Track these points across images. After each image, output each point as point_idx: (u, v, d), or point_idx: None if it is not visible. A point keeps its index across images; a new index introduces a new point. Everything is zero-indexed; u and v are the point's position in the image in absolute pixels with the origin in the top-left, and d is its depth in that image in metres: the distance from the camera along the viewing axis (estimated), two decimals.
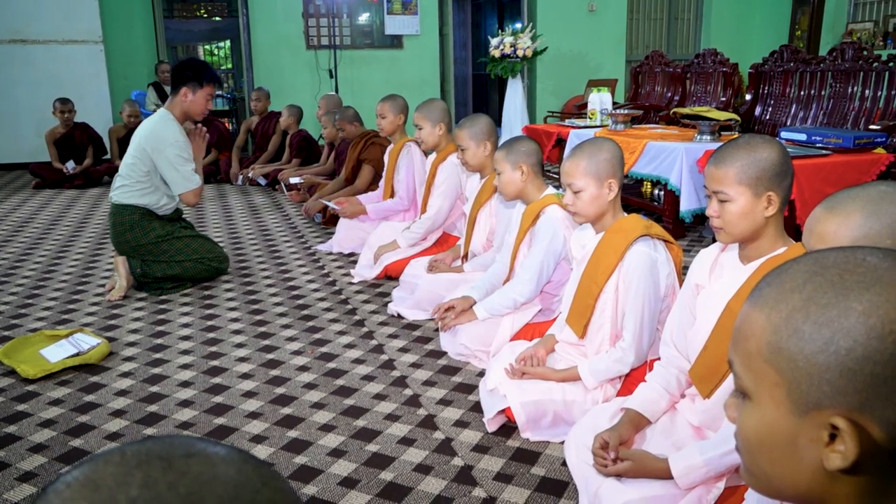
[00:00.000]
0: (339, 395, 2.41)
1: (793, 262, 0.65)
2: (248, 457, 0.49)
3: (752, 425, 0.66)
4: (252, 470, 0.48)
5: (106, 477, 0.44)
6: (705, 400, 1.70)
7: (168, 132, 3.39)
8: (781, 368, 0.62)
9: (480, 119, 3.12)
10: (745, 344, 0.65)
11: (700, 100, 6.12)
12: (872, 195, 1.07)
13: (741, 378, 0.67)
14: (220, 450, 0.48)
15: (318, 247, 4.32)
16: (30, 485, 1.91)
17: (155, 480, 0.44)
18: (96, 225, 5.13)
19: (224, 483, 0.45)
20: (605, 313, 2.12)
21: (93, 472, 0.45)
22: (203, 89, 3.45)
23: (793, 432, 0.62)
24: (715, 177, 1.57)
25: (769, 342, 0.63)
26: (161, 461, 0.45)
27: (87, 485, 0.44)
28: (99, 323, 3.12)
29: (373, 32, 8.79)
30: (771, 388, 0.63)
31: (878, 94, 4.65)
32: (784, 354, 0.61)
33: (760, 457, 0.66)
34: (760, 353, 0.63)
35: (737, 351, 0.67)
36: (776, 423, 0.63)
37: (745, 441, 0.68)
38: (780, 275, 0.65)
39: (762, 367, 0.63)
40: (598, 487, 1.65)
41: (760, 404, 0.64)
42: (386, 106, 3.96)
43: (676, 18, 9.64)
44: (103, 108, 7.77)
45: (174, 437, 0.49)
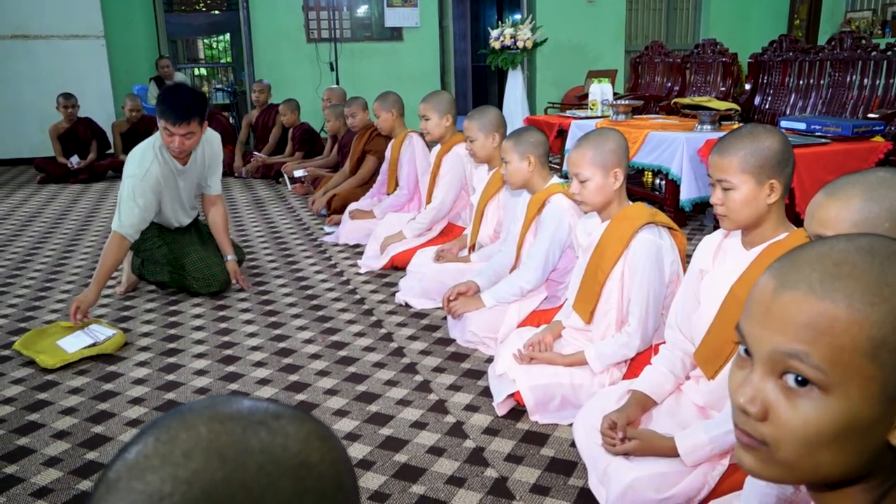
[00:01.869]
0: (352, 381, 2.47)
1: (848, 251, 0.65)
2: (304, 413, 0.53)
3: (829, 419, 0.64)
4: (316, 423, 0.53)
5: (226, 447, 0.47)
6: (710, 381, 1.76)
7: (134, 160, 3.08)
8: (884, 362, 0.62)
9: (490, 111, 3.17)
10: (832, 339, 0.64)
11: (700, 90, 6.17)
12: (871, 181, 1.13)
13: (822, 371, 0.64)
14: (282, 409, 0.52)
15: (325, 238, 4.38)
16: (56, 469, 1.97)
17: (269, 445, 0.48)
18: (104, 219, 5.18)
19: (318, 437, 0.51)
20: (611, 299, 2.18)
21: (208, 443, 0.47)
22: (160, 122, 2.98)
23: (875, 420, 0.63)
24: (719, 166, 1.62)
25: (871, 337, 0.62)
26: (261, 426, 0.49)
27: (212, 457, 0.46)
28: (112, 314, 3.18)
29: (373, 25, 8.82)
30: (864, 381, 0.63)
31: (876, 83, 4.70)
32: (888, 348, 0.62)
33: (825, 449, 0.65)
34: (858, 349, 0.63)
35: (816, 345, 0.64)
36: (861, 415, 0.63)
37: (804, 437, 0.65)
38: (850, 266, 0.65)
39: (858, 362, 0.63)
40: (607, 466, 1.71)
41: (847, 398, 0.64)
42: (377, 105, 4.08)
43: (675, 8, 9.66)
44: (105, 102, 7.81)
45: (234, 400, 0.52)
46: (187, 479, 0.45)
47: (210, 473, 0.46)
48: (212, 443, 0.47)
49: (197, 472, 0.46)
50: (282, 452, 0.48)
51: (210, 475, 0.46)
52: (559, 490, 1.83)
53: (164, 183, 3.17)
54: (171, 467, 0.46)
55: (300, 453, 0.49)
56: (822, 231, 1.16)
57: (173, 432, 0.48)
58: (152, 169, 3.10)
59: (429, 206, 3.66)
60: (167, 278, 3.37)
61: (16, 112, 7.62)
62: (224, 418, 0.49)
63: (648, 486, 1.62)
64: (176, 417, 0.49)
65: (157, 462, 0.46)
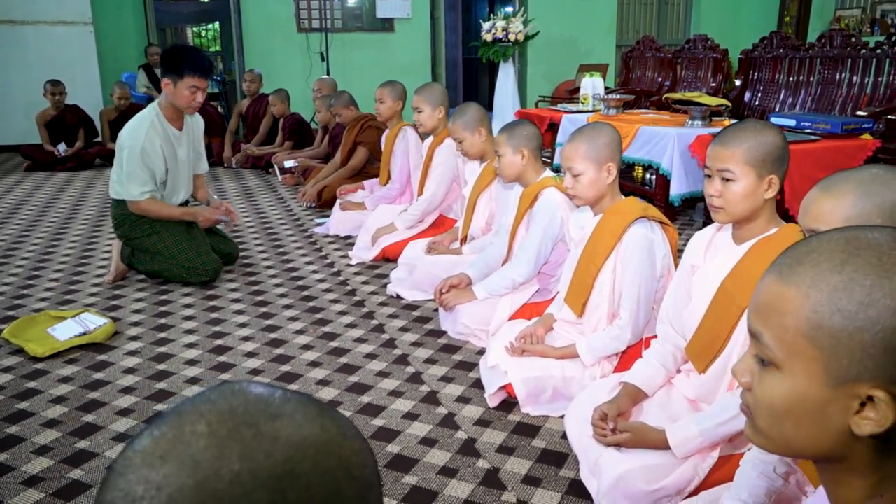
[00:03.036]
0: (343, 372, 2.47)
1: (820, 241, 0.68)
2: (321, 408, 0.51)
3: (780, 394, 0.69)
4: (331, 423, 0.49)
5: (202, 451, 0.44)
6: (701, 375, 1.78)
7: (132, 132, 3.16)
8: (822, 344, 0.65)
9: (470, 108, 3.17)
10: (780, 319, 0.68)
11: (690, 85, 6.19)
12: (864, 177, 1.15)
13: (772, 350, 0.69)
14: (296, 405, 0.49)
15: (315, 229, 4.37)
16: (46, 458, 1.97)
17: (252, 450, 0.45)
18: (91, 207, 5.15)
19: (314, 444, 0.47)
20: (602, 292, 2.19)
21: (185, 446, 0.45)
22: (183, 80, 3.13)
23: (824, 401, 0.66)
24: (722, 156, 1.63)
25: (809, 319, 0.66)
26: (249, 428, 0.46)
27: (185, 462, 0.44)
28: (102, 304, 3.16)
29: (364, 15, 8.78)
30: (807, 361, 0.66)
31: (865, 81, 4.74)
32: (826, 331, 0.65)
33: (785, 422, 0.70)
34: (799, 329, 0.66)
35: (767, 325, 0.69)
36: (808, 393, 0.67)
37: (767, 407, 0.71)
38: (811, 253, 0.68)
39: (799, 342, 0.67)
40: (599, 457, 1.73)
41: (793, 375, 0.68)
42: (385, 91, 4.00)
43: (667, 3, 9.68)
44: (93, 90, 7.74)
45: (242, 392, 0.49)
46: (157, 483, 0.43)
47: (181, 480, 0.43)
48: (189, 446, 0.45)
49: (168, 477, 0.43)
50: (264, 460, 0.45)
51: (180, 481, 0.43)
52: (550, 481, 1.84)
53: (165, 152, 3.25)
54: (146, 469, 0.44)
55: (287, 461, 0.45)
56: (817, 226, 1.18)
57: (164, 429, 0.46)
58: (150, 135, 3.18)
59: (420, 198, 3.67)
60: (157, 267, 3.35)
61: (2, 98, 7.54)
62: (214, 417, 0.46)
63: (639, 478, 1.63)
64: (176, 410, 0.48)
65: (138, 461, 0.45)
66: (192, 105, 3.22)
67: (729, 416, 1.62)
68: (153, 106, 3.27)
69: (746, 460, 1.43)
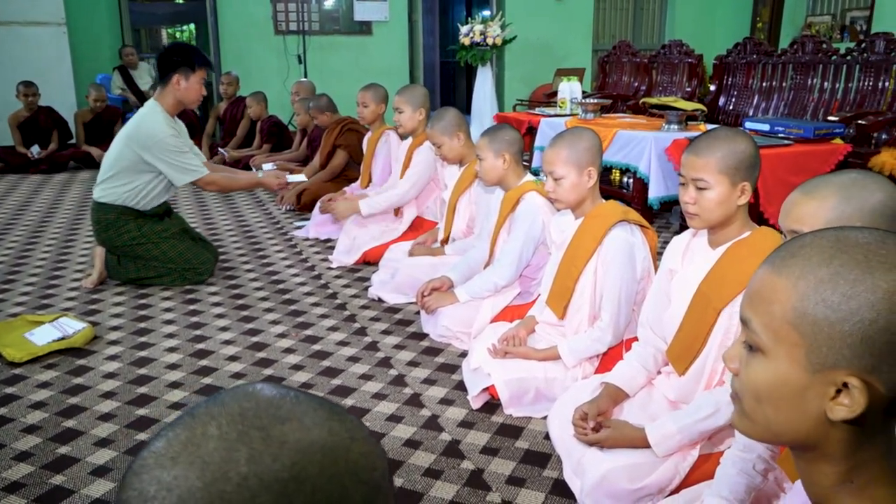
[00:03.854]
0: (326, 375, 2.48)
1: (814, 237, 0.73)
2: (332, 411, 0.51)
3: (763, 377, 0.74)
4: (339, 426, 0.50)
5: (211, 453, 0.45)
6: (681, 377, 1.81)
7: (155, 129, 3.19)
8: (805, 332, 0.69)
9: (447, 113, 3.20)
10: (768, 306, 0.72)
11: (666, 90, 6.28)
12: (845, 181, 1.19)
13: (758, 335, 0.73)
14: (306, 409, 0.50)
15: (295, 233, 4.36)
16: (27, 464, 1.95)
17: (260, 454, 0.46)
18: (66, 210, 5.09)
19: (321, 448, 0.48)
20: (584, 295, 2.22)
21: (195, 448, 0.46)
22: (195, 74, 3.25)
23: (803, 386, 0.70)
24: (696, 165, 1.67)
25: (795, 307, 0.70)
26: (259, 431, 0.47)
27: (195, 463, 0.45)
28: (79, 308, 3.13)
29: (341, 18, 8.77)
30: (790, 347, 0.71)
31: (836, 87, 4.85)
32: (809, 319, 0.69)
33: (766, 405, 0.74)
34: (785, 316, 0.71)
35: (755, 311, 0.74)
36: (788, 378, 0.71)
37: (752, 391, 0.75)
38: (804, 248, 0.72)
39: (784, 329, 0.71)
40: (581, 457, 1.76)
41: (776, 360, 0.72)
42: (368, 95, 4.01)
43: (642, 9, 9.79)
44: (67, 91, 7.62)
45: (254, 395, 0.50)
46: (168, 484, 0.44)
47: (190, 481, 0.44)
48: (199, 447, 0.46)
49: (178, 479, 0.44)
50: (271, 463, 0.46)
51: (190, 483, 0.44)
52: (534, 481, 1.87)
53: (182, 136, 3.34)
54: (159, 470, 0.45)
55: (294, 466, 0.46)
56: (799, 227, 1.22)
57: (177, 431, 0.47)
58: (169, 122, 3.26)
59: (392, 191, 3.68)
60: (150, 273, 3.35)
61: None
62: (225, 420, 0.47)
63: (622, 477, 1.66)
64: (190, 412, 0.49)
65: (152, 462, 0.46)
66: (199, 98, 3.33)
67: (706, 413, 1.66)
68: (154, 105, 3.27)
69: (727, 458, 1.47)
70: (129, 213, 3.30)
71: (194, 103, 3.35)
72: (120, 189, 3.27)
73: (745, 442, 1.43)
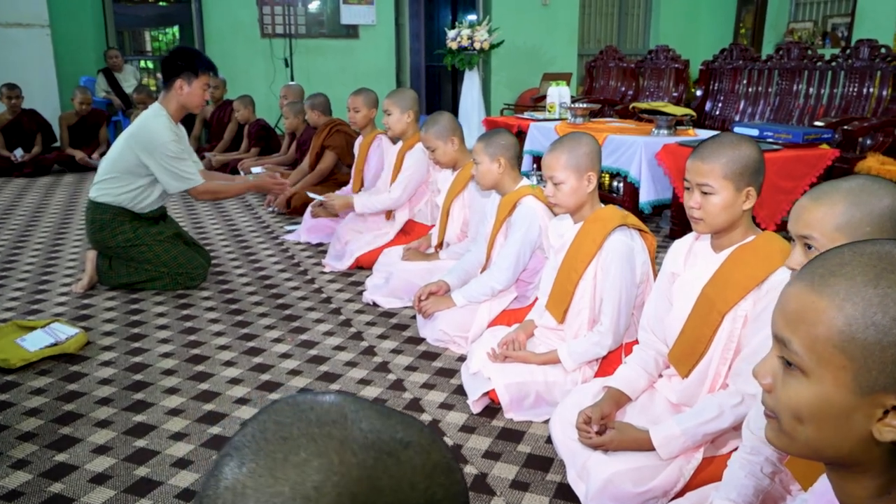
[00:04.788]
0: (325, 380, 2.47)
1: (853, 254, 0.71)
2: (430, 430, 0.51)
3: (806, 398, 0.72)
4: (443, 445, 0.50)
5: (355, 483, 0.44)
6: (683, 380, 1.83)
7: (158, 133, 3.17)
8: (854, 356, 0.68)
9: (442, 117, 3.20)
10: (810, 328, 0.70)
11: (653, 95, 6.33)
12: (853, 187, 1.21)
13: (800, 356, 0.72)
14: (414, 429, 0.49)
15: (286, 237, 4.35)
16: (25, 472, 1.92)
17: (398, 482, 0.45)
18: (52, 214, 5.03)
19: (442, 470, 0.48)
20: (583, 299, 2.23)
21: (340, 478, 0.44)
22: (199, 79, 3.23)
23: (850, 408, 0.69)
24: (701, 171, 1.68)
25: (841, 331, 0.68)
26: (390, 457, 0.46)
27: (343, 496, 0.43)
28: (71, 313, 3.10)
29: (328, 22, 8.76)
30: (836, 370, 0.69)
31: (821, 92, 4.91)
32: (858, 344, 0.67)
33: (808, 426, 0.72)
34: (830, 340, 0.69)
35: (795, 331, 0.72)
36: (833, 400, 0.70)
37: (792, 410, 0.74)
38: (845, 266, 0.70)
39: (830, 352, 0.69)
40: (586, 461, 1.76)
41: (820, 382, 0.71)
42: (359, 99, 4.00)
43: (627, 14, 9.87)
44: (50, 94, 7.54)
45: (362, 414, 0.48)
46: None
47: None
48: (343, 477, 0.44)
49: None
50: (410, 491, 0.45)
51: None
52: (538, 485, 1.87)
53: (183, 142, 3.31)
54: (301, 500, 0.42)
55: (427, 490, 0.46)
56: (808, 232, 1.23)
57: (304, 455, 0.44)
58: (171, 127, 3.23)
59: (385, 195, 3.69)
60: (141, 277, 3.32)
61: None
62: (356, 447, 0.45)
63: (627, 480, 1.67)
64: (305, 434, 0.46)
65: (288, 491, 0.43)
66: (203, 102, 3.32)
67: (710, 416, 1.67)
68: (158, 109, 3.26)
69: (734, 461, 1.48)
70: (124, 215, 3.29)
71: (197, 108, 3.33)
72: (117, 190, 3.26)
73: (753, 445, 1.45)
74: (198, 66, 3.23)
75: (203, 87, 3.27)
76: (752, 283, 1.65)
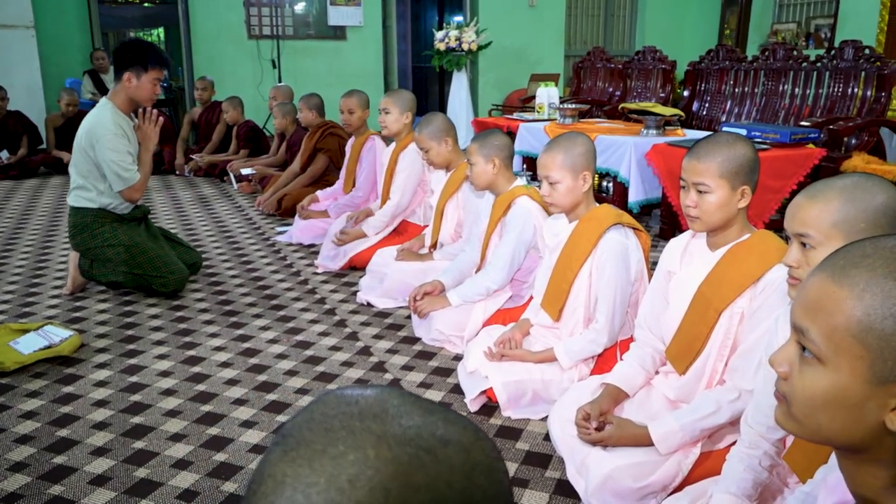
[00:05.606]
0: (322, 380, 2.48)
1: (875, 246, 0.72)
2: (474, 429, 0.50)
3: (821, 387, 0.73)
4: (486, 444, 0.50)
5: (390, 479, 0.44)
6: (681, 376, 1.85)
7: (102, 124, 3.09)
8: (870, 345, 0.69)
9: (436, 118, 3.22)
10: (829, 318, 0.72)
11: (641, 95, 6.37)
12: (847, 184, 1.24)
13: (817, 345, 0.73)
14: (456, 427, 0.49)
15: (278, 238, 4.34)
16: (23, 475, 1.92)
17: (434, 480, 0.45)
18: (41, 216, 5.00)
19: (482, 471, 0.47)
20: (579, 297, 2.26)
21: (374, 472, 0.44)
22: (148, 74, 3.13)
23: (864, 397, 0.70)
24: (697, 170, 1.71)
25: (860, 320, 0.70)
26: (428, 454, 0.46)
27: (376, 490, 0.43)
28: (63, 316, 3.08)
29: (316, 23, 8.75)
30: (853, 359, 0.70)
31: (806, 93, 4.98)
32: (876, 334, 0.69)
33: (821, 413, 0.74)
34: (848, 329, 0.70)
35: (814, 320, 0.74)
36: (848, 389, 0.71)
37: (807, 398, 0.75)
38: (867, 258, 0.72)
39: (847, 341, 0.71)
40: (586, 457, 1.79)
41: (836, 371, 0.72)
42: (353, 101, 4.00)
43: (613, 15, 9.93)
44: (35, 95, 7.48)
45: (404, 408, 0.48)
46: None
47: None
48: (377, 472, 0.44)
49: None
50: (446, 489, 0.45)
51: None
52: (537, 482, 1.89)
53: (129, 136, 3.20)
54: (335, 492, 0.43)
55: (464, 490, 0.46)
56: (804, 230, 1.26)
57: (342, 448, 0.45)
58: (117, 120, 3.14)
59: (387, 204, 3.68)
60: (119, 278, 3.27)
61: None
62: (393, 441, 0.46)
63: (627, 475, 1.69)
64: (346, 426, 0.46)
65: (324, 482, 0.43)
66: (153, 97, 3.21)
67: (708, 411, 1.70)
68: (104, 102, 3.19)
69: (733, 455, 1.50)
70: (105, 217, 3.22)
71: (147, 102, 3.22)
72: (89, 194, 3.19)
73: (751, 439, 1.47)
74: (147, 60, 3.13)
75: (153, 82, 3.16)
76: (747, 280, 1.68)
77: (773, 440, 1.45)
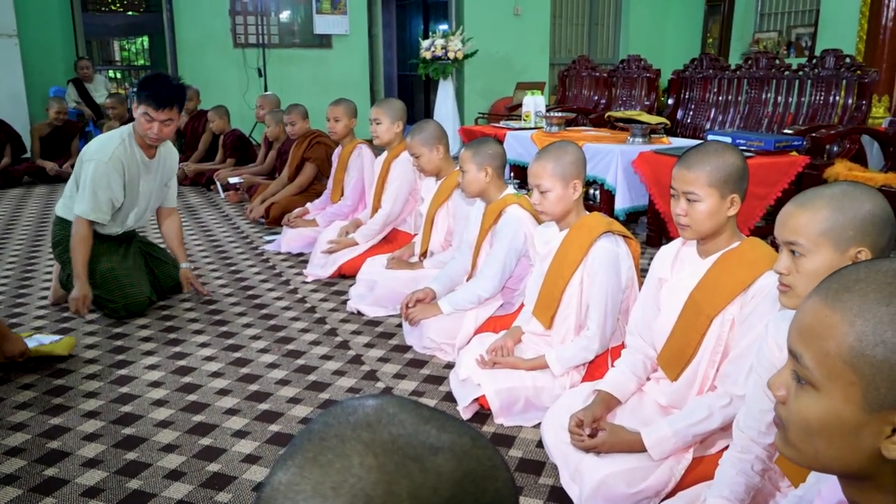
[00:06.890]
0: (313, 389, 2.48)
1: (869, 270, 0.71)
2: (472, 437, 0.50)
3: (815, 412, 0.72)
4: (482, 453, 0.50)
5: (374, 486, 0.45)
6: (672, 383, 1.87)
7: (103, 149, 3.01)
8: (863, 372, 0.68)
9: (429, 125, 3.23)
10: (821, 343, 0.71)
11: (626, 104, 6.43)
12: (836, 193, 1.27)
13: (810, 371, 0.72)
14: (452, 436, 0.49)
15: (266, 247, 4.33)
16: (14, 487, 1.90)
17: (419, 488, 0.45)
18: (25, 226, 4.96)
19: (473, 479, 0.48)
20: (570, 305, 2.27)
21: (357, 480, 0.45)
22: (139, 107, 2.98)
23: (858, 424, 0.69)
24: (687, 179, 1.73)
25: (852, 347, 0.69)
26: (415, 462, 0.46)
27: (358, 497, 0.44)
28: (51, 327, 3.06)
29: (301, 31, 8.76)
30: (846, 386, 0.69)
31: (789, 101, 5.05)
32: (867, 360, 0.68)
33: (817, 439, 0.73)
34: (840, 355, 0.69)
35: (808, 346, 0.73)
36: (842, 416, 0.70)
37: (801, 424, 0.74)
38: (860, 283, 0.71)
39: (840, 367, 0.70)
40: (579, 463, 1.80)
41: (830, 397, 0.71)
42: (340, 109, 4.01)
43: (597, 24, 10.02)
44: (19, 104, 7.43)
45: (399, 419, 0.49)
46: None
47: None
48: (360, 479, 0.45)
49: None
50: (432, 496, 0.45)
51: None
52: (531, 489, 1.90)
53: (128, 174, 3.09)
54: (319, 499, 0.44)
55: (451, 499, 0.46)
56: (793, 238, 1.29)
57: (330, 456, 0.46)
58: (118, 153, 3.03)
59: (379, 213, 3.69)
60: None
61: None
62: (380, 449, 0.47)
63: (620, 481, 1.71)
64: (338, 435, 0.48)
65: (309, 490, 0.45)
66: (151, 136, 3.01)
67: (700, 417, 1.72)
68: (125, 128, 3.13)
69: (725, 460, 1.52)
70: None
71: (149, 139, 3.04)
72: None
73: (743, 444, 1.49)
74: (140, 92, 2.99)
75: (143, 116, 2.97)
76: (738, 287, 1.71)
77: (765, 444, 1.47)
